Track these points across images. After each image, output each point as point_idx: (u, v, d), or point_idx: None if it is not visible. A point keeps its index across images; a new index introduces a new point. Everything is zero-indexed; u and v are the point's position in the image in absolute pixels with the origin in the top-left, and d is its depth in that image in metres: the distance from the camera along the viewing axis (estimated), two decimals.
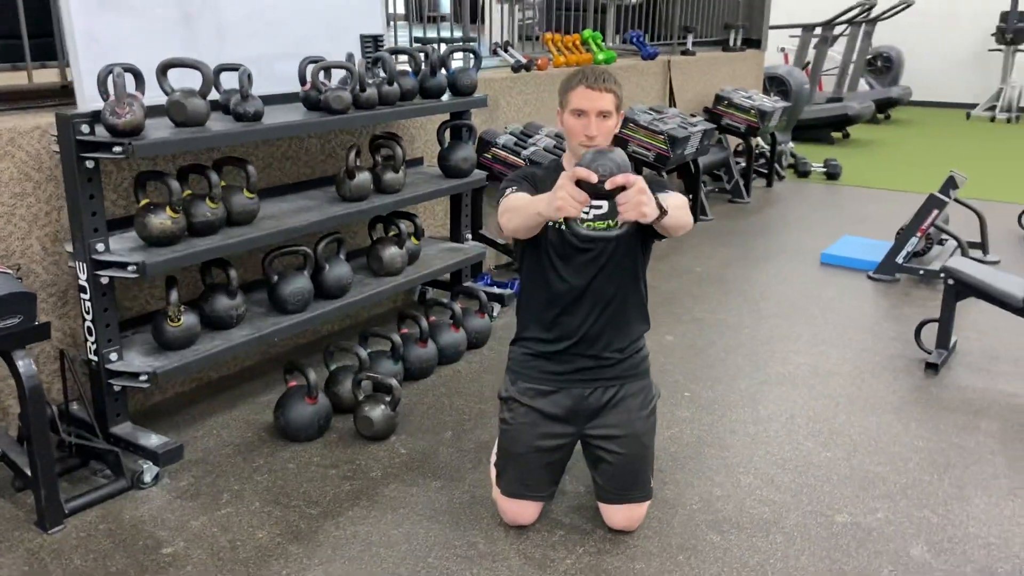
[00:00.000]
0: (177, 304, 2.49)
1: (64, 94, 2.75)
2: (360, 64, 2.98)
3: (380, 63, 3.13)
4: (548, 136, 4.22)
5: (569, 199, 1.72)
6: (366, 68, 3.05)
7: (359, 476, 2.49)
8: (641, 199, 1.70)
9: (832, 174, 6.97)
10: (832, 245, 4.82)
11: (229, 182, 2.72)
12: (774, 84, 7.63)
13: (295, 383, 2.74)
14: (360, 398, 2.72)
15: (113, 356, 2.43)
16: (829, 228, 5.34)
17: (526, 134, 4.21)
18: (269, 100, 2.80)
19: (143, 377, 2.40)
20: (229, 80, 2.69)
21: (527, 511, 2.22)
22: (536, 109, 4.62)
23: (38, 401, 2.10)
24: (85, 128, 2.24)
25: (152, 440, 2.45)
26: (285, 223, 2.76)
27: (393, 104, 3.11)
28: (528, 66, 4.54)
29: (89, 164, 2.28)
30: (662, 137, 4.80)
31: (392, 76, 3.09)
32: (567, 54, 5.03)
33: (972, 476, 2.53)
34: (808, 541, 2.21)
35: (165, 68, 2.46)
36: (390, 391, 2.70)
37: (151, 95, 2.42)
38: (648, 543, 2.19)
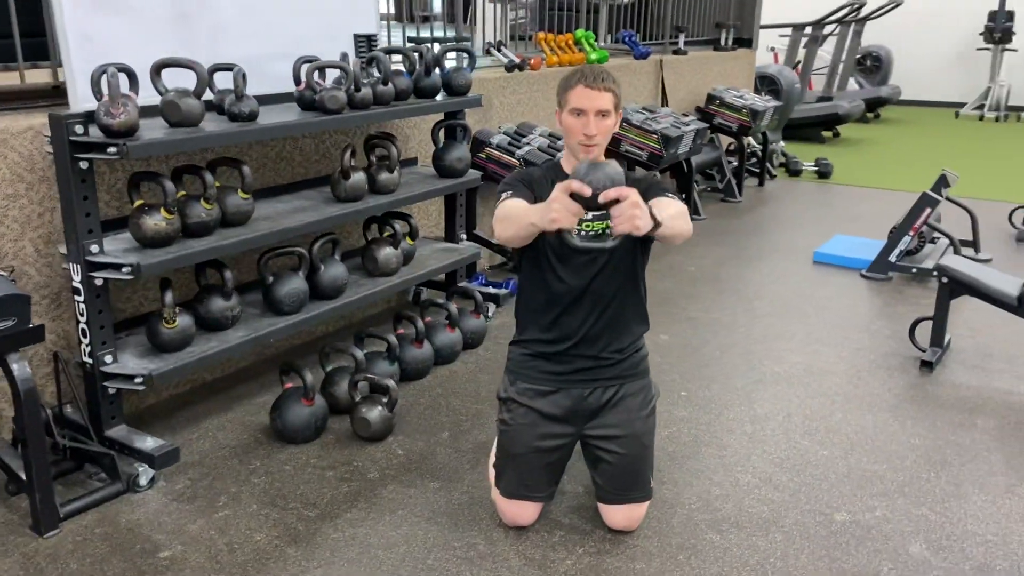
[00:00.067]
0: (172, 306, 2.47)
1: (56, 94, 2.72)
2: (355, 64, 2.97)
3: (375, 63, 3.12)
4: (542, 136, 4.22)
5: (563, 211, 1.72)
6: (361, 68, 3.04)
7: (357, 477, 2.48)
8: (635, 212, 1.70)
9: (823, 173, 6.99)
10: (825, 244, 4.84)
11: (223, 183, 2.70)
12: (765, 83, 7.65)
13: (291, 384, 2.72)
14: (357, 399, 2.71)
15: (108, 358, 2.41)
16: (821, 227, 5.36)
17: (520, 134, 4.20)
18: (263, 100, 2.78)
19: (138, 379, 2.39)
20: (223, 80, 2.68)
21: (527, 512, 2.21)
22: (529, 109, 4.61)
23: (33, 404, 2.07)
24: (79, 128, 2.22)
25: (148, 443, 2.43)
26: (280, 224, 2.74)
27: (388, 104, 3.10)
28: (521, 66, 4.54)
29: (83, 165, 2.27)
30: (655, 136, 4.81)
31: (387, 76, 3.08)
32: (560, 54, 5.03)
33: (969, 474, 2.54)
34: (807, 540, 2.21)
35: (159, 68, 2.45)
36: (387, 392, 2.69)
37: (144, 95, 2.41)
38: (648, 543, 2.19)
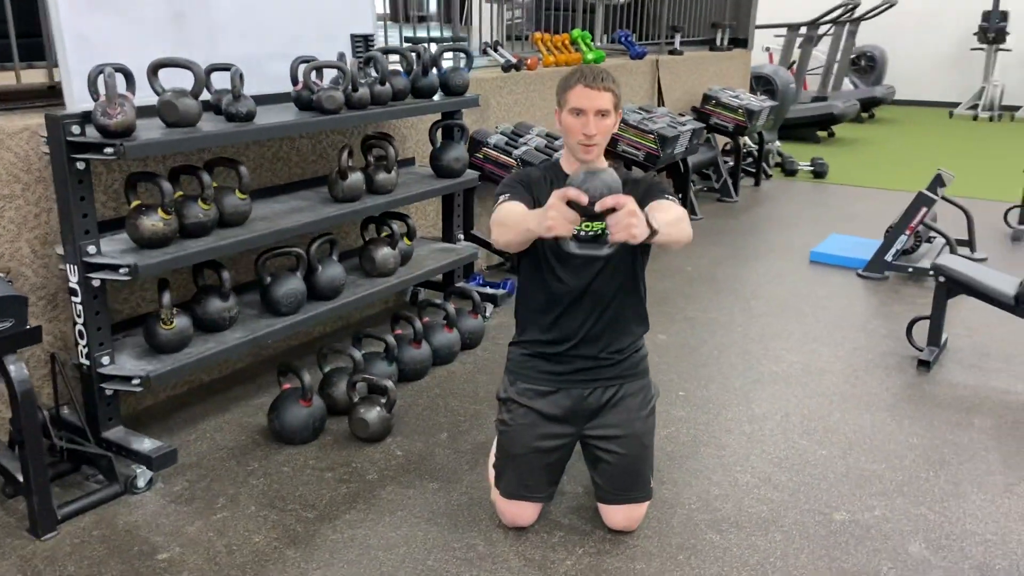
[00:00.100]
0: (169, 306, 2.46)
1: (51, 94, 2.71)
2: (352, 64, 2.96)
3: (372, 63, 3.11)
4: (539, 136, 4.21)
5: (560, 219, 1.72)
6: (358, 68, 3.03)
7: (355, 479, 2.47)
8: (631, 221, 1.70)
9: (819, 173, 7.01)
10: (821, 243, 4.84)
11: (220, 183, 2.69)
12: (760, 83, 7.66)
13: (289, 385, 2.72)
14: (355, 400, 2.70)
15: (105, 360, 2.39)
16: (817, 226, 5.37)
17: (517, 134, 4.20)
18: (260, 100, 2.77)
19: (136, 381, 2.37)
20: (220, 80, 2.67)
21: (526, 512, 2.21)
22: (526, 109, 4.61)
23: (30, 406, 2.06)
24: (76, 129, 2.21)
25: (145, 444, 2.42)
26: (277, 224, 2.74)
27: (385, 104, 3.09)
28: (518, 66, 4.53)
29: (80, 165, 2.25)
30: (652, 136, 4.81)
31: (384, 76, 3.08)
32: (556, 53, 5.03)
33: (967, 473, 2.54)
34: (807, 539, 2.21)
35: (156, 68, 2.44)
36: (385, 393, 2.69)
37: (140, 95, 2.39)
38: (648, 543, 2.19)
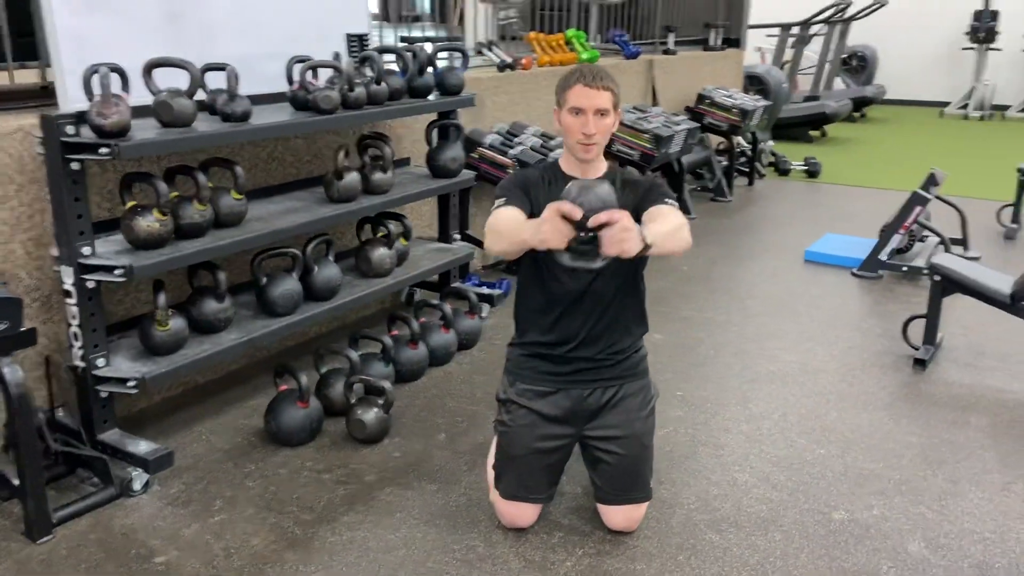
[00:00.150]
0: (165, 308, 2.44)
1: (44, 95, 2.69)
2: (348, 63, 2.95)
3: (368, 62, 3.10)
4: (534, 135, 4.21)
5: (554, 232, 1.75)
6: (354, 67, 3.02)
7: (353, 480, 2.46)
8: (624, 236, 1.72)
9: (812, 172, 7.02)
10: (815, 243, 4.85)
11: (216, 183, 2.68)
12: (753, 83, 7.67)
13: (285, 387, 2.70)
14: (352, 401, 2.69)
15: (100, 362, 2.37)
16: (811, 226, 5.38)
17: (512, 133, 4.19)
18: (256, 100, 2.75)
19: (131, 383, 2.35)
20: (215, 80, 2.65)
21: (526, 513, 2.20)
22: (521, 108, 4.60)
23: (26, 409, 2.04)
24: (70, 129, 2.19)
25: (141, 447, 2.40)
26: (273, 225, 2.72)
27: (381, 104, 3.08)
28: (513, 65, 4.53)
29: (75, 166, 2.23)
30: (647, 136, 4.81)
31: (380, 75, 3.06)
32: (551, 53, 5.02)
33: (965, 471, 2.55)
34: (807, 539, 2.21)
35: (150, 68, 2.42)
36: (382, 394, 2.67)
37: (136, 95, 2.37)
38: (647, 544, 2.18)
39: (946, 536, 2.23)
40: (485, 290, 3.86)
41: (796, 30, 8.82)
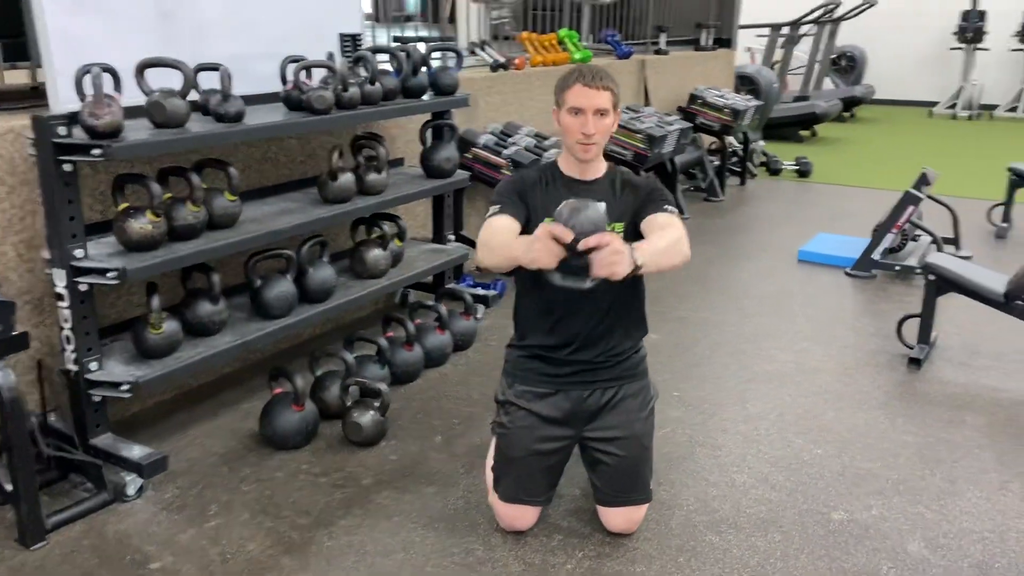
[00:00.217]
0: (158, 311, 2.42)
1: (35, 95, 2.66)
2: (342, 63, 2.93)
3: (362, 62, 3.08)
4: (528, 135, 4.19)
5: (544, 252, 1.79)
6: (348, 67, 3.00)
7: (350, 484, 2.44)
8: (613, 259, 1.75)
9: (803, 172, 7.04)
10: (808, 242, 4.86)
11: (209, 185, 2.65)
12: (744, 83, 7.68)
13: (280, 390, 2.68)
14: (348, 404, 2.67)
15: (93, 365, 2.34)
16: (804, 225, 5.39)
17: (506, 134, 4.18)
18: (249, 100, 2.73)
19: (125, 387, 2.33)
20: (208, 80, 2.62)
21: (525, 516, 2.19)
22: (515, 108, 4.59)
23: (19, 414, 2.02)
24: (62, 130, 2.17)
25: (135, 451, 2.37)
26: (268, 226, 2.69)
27: (376, 104, 3.06)
28: (506, 65, 4.51)
29: (67, 167, 2.21)
30: (641, 136, 4.80)
31: (374, 75, 3.04)
32: (544, 53, 5.01)
33: (962, 471, 2.55)
34: (806, 540, 2.21)
35: (143, 68, 2.39)
36: (378, 396, 2.65)
37: (127, 96, 2.35)
38: (647, 545, 2.17)
39: (945, 536, 2.23)
40: (480, 291, 3.84)
41: (786, 30, 8.85)
